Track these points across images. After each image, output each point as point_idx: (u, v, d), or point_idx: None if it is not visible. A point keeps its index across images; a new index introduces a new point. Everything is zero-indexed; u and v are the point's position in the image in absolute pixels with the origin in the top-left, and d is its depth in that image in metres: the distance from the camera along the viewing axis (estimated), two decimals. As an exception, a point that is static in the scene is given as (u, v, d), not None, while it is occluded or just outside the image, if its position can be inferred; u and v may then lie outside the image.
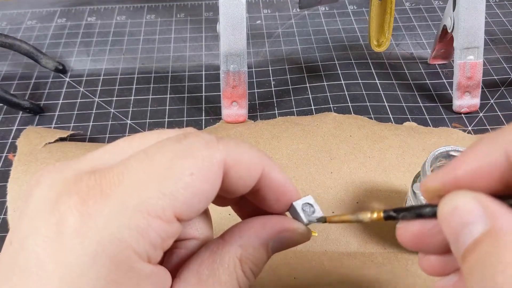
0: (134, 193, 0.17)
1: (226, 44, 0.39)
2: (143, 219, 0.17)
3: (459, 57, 0.42)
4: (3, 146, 0.42)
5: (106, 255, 0.17)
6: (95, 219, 0.17)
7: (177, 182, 0.18)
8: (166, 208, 0.18)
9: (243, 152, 0.20)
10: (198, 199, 0.19)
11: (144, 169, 0.18)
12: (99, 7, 0.59)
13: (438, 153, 0.31)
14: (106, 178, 0.18)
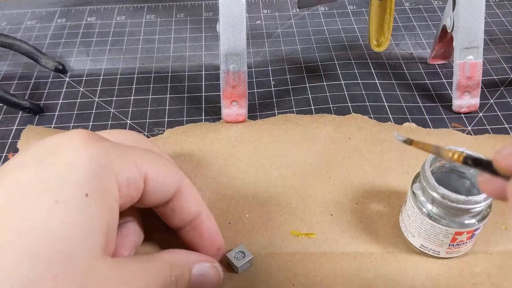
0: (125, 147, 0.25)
1: (226, 44, 0.39)
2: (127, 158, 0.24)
3: (458, 57, 0.42)
4: (3, 146, 0.42)
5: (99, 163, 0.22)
6: (97, 142, 0.23)
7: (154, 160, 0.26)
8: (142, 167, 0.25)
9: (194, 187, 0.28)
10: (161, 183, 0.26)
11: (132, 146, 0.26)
12: (99, 7, 0.59)
13: (437, 153, 0.31)
14: None
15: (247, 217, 0.35)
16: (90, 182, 0.21)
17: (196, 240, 0.29)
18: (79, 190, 0.20)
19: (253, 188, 0.37)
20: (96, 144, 0.22)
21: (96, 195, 0.21)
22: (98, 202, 0.21)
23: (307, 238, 0.33)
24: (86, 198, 0.21)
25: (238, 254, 0.31)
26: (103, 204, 0.21)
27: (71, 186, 0.20)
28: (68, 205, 0.20)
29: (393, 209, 0.35)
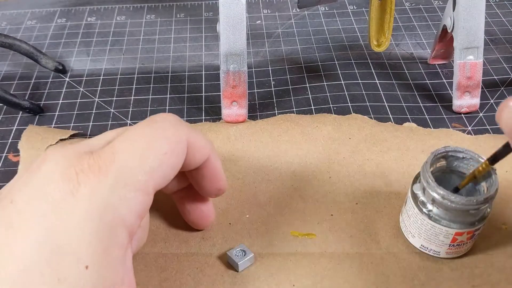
0: (124, 171, 0.22)
1: (226, 44, 0.39)
2: (131, 191, 0.22)
3: (459, 57, 0.42)
4: (3, 146, 0.42)
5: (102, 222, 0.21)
6: (97, 191, 0.21)
7: (155, 161, 0.23)
8: (148, 182, 0.23)
9: (198, 135, 0.27)
10: (170, 172, 0.24)
11: (128, 150, 0.23)
12: (99, 7, 0.59)
13: (438, 153, 0.31)
14: (101, 158, 0.22)
15: (247, 218, 0.35)
16: (91, 248, 0.20)
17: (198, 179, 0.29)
18: (79, 263, 0.20)
19: (253, 188, 0.37)
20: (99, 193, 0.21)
21: (97, 262, 0.20)
22: (100, 268, 0.20)
23: (307, 238, 0.33)
24: (86, 271, 0.20)
25: (238, 253, 0.31)
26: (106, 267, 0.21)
27: (71, 261, 0.20)
28: (69, 283, 0.20)
29: (393, 210, 0.35)
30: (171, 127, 0.25)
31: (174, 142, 0.24)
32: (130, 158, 0.23)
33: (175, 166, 0.25)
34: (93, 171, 0.22)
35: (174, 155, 0.24)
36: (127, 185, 0.22)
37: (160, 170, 0.23)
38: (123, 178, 0.22)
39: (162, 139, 0.24)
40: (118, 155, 0.23)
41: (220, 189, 0.30)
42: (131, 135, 0.24)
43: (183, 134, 0.25)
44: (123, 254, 0.22)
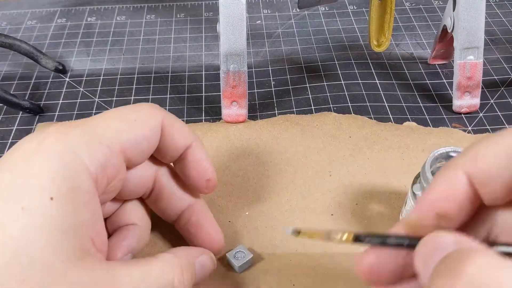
0: (92, 127, 0.24)
1: (226, 44, 0.39)
2: (95, 144, 0.23)
3: (459, 57, 0.42)
4: (3, 146, 0.42)
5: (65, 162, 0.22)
6: (62, 139, 0.23)
7: (123, 125, 0.25)
8: (113, 141, 0.24)
9: (178, 120, 0.28)
10: (140, 142, 0.25)
11: (101, 118, 0.25)
12: (99, 7, 0.59)
13: (438, 154, 0.31)
14: (73, 121, 0.25)
15: (247, 215, 0.35)
16: (55, 184, 0.21)
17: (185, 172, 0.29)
18: (44, 195, 0.21)
19: (253, 184, 0.37)
20: (63, 142, 0.23)
21: (62, 196, 0.21)
22: (65, 203, 0.21)
23: (307, 238, 0.33)
24: (51, 202, 0.21)
25: (238, 254, 0.31)
26: (72, 203, 0.21)
27: (36, 192, 0.21)
28: (32, 211, 0.20)
29: (394, 210, 0.35)
30: (146, 105, 0.27)
31: (146, 114, 0.26)
32: (99, 120, 0.25)
33: (147, 137, 0.26)
34: (63, 125, 0.24)
35: (145, 125, 0.26)
36: (92, 138, 0.23)
37: (128, 133, 0.25)
38: (90, 132, 0.24)
39: (134, 111, 0.26)
40: (89, 119, 0.25)
41: (208, 179, 0.29)
42: (107, 111, 0.26)
43: (158, 113, 0.27)
44: (89, 199, 0.23)
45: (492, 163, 0.17)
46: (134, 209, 0.30)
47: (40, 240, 0.20)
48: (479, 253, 0.15)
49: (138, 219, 0.30)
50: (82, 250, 0.21)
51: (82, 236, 0.22)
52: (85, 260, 0.21)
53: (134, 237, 0.29)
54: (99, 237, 0.23)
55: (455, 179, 0.18)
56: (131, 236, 0.29)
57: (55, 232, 0.20)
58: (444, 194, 0.18)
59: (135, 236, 0.29)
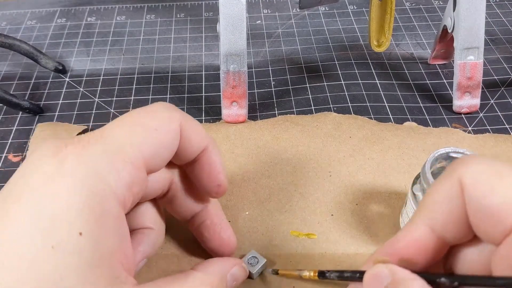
0: (113, 143, 0.22)
1: (226, 44, 0.39)
2: (119, 162, 0.22)
3: (459, 57, 0.41)
4: (3, 146, 0.42)
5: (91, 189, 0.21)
6: (84, 160, 0.21)
7: (145, 136, 0.23)
8: (137, 156, 0.23)
9: (194, 122, 0.27)
10: (162, 151, 0.24)
11: (119, 127, 0.23)
12: (99, 7, 0.59)
13: (438, 154, 0.31)
14: (90, 134, 0.23)
15: (247, 215, 0.35)
16: (83, 217, 0.20)
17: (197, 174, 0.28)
18: (73, 230, 0.20)
19: (253, 183, 0.37)
20: (85, 163, 0.21)
21: (91, 229, 0.20)
22: (94, 235, 0.20)
23: (307, 238, 0.33)
24: (80, 237, 0.20)
25: (251, 260, 0.31)
26: (101, 234, 0.21)
27: (64, 227, 0.20)
28: (63, 249, 0.20)
29: (394, 210, 0.35)
30: (163, 108, 0.25)
31: (165, 120, 0.24)
32: (118, 133, 0.23)
33: (168, 144, 0.25)
34: (81, 143, 0.22)
35: (165, 132, 0.24)
36: (114, 156, 0.22)
37: (150, 145, 0.23)
38: (111, 149, 0.22)
39: (152, 117, 0.24)
40: (108, 132, 0.23)
41: (219, 184, 0.28)
42: (122, 117, 0.24)
43: (176, 115, 0.25)
44: (117, 224, 0.22)
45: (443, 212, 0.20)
46: (148, 212, 0.29)
47: (73, 278, 0.20)
48: (408, 283, 0.19)
49: (152, 222, 0.29)
50: (114, 279, 0.21)
51: (112, 265, 0.21)
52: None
53: (149, 242, 0.28)
54: (126, 258, 0.22)
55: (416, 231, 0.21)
56: (146, 241, 0.28)
57: (87, 268, 0.20)
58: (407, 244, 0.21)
59: (150, 240, 0.28)
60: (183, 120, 0.25)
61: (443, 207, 0.20)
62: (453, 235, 0.20)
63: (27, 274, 0.19)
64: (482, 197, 0.19)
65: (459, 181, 0.20)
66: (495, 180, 0.19)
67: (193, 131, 0.26)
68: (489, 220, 0.19)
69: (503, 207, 0.18)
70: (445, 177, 0.20)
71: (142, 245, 0.28)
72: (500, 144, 0.40)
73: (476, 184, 0.19)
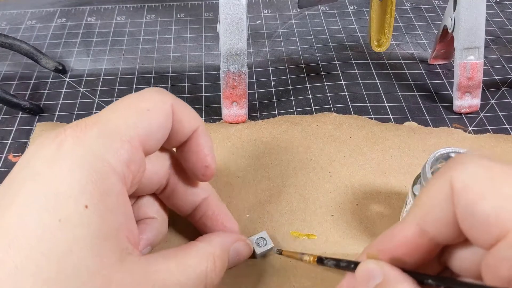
0: (109, 124, 0.23)
1: (226, 44, 0.39)
2: (116, 141, 0.23)
3: (459, 57, 0.41)
4: (3, 146, 0.42)
5: (91, 167, 0.21)
6: (82, 142, 0.22)
7: (138, 117, 0.24)
8: (132, 135, 0.24)
9: (185, 104, 0.27)
10: (156, 130, 0.25)
11: (113, 111, 0.24)
12: (99, 7, 0.59)
13: (438, 154, 0.31)
14: (88, 118, 0.24)
15: (248, 217, 0.35)
16: (87, 191, 0.21)
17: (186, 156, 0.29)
18: (78, 204, 0.21)
19: (254, 185, 0.37)
20: (83, 145, 0.22)
21: (96, 203, 0.21)
22: (100, 209, 0.21)
23: (307, 239, 0.33)
24: (86, 210, 0.21)
25: (259, 240, 0.32)
26: (106, 208, 0.21)
27: (69, 202, 0.21)
28: (70, 222, 0.20)
29: (394, 211, 0.35)
30: (154, 91, 0.26)
31: (157, 101, 0.25)
32: (113, 115, 0.24)
33: (161, 124, 0.25)
34: (79, 126, 0.23)
35: (158, 113, 0.25)
36: (111, 136, 0.23)
37: (144, 125, 0.24)
38: (107, 130, 0.23)
39: (145, 99, 0.25)
40: (103, 115, 0.24)
41: (206, 166, 0.28)
42: (116, 102, 0.25)
43: (168, 98, 0.26)
44: (121, 200, 0.22)
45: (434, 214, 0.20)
46: (150, 204, 0.30)
47: (82, 250, 0.20)
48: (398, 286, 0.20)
49: (155, 212, 0.30)
50: (122, 251, 0.22)
51: (119, 238, 0.22)
52: (125, 262, 0.22)
53: (153, 231, 0.29)
54: (132, 234, 0.23)
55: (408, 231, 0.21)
56: (149, 229, 0.29)
57: (95, 240, 0.21)
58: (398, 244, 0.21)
59: (153, 229, 0.29)
60: (174, 102, 0.26)
61: (434, 209, 0.20)
62: (445, 237, 0.20)
63: (36, 249, 0.20)
64: (471, 203, 0.19)
65: (450, 184, 0.19)
66: (486, 186, 0.19)
67: (184, 112, 0.27)
68: (478, 227, 0.19)
69: (492, 215, 0.18)
70: (437, 178, 0.20)
71: (145, 233, 0.28)
72: (500, 144, 0.40)
73: (466, 189, 0.19)
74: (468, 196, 0.19)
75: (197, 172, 0.29)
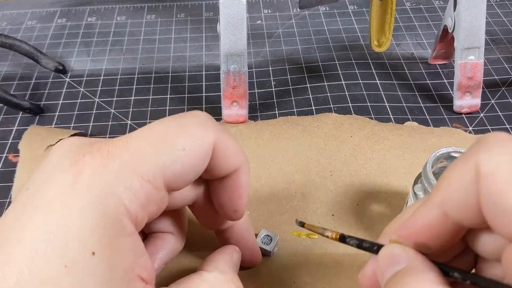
0: (133, 158, 0.21)
1: (226, 44, 0.39)
2: (136, 180, 0.21)
3: (459, 57, 0.41)
4: (3, 146, 0.42)
5: (105, 208, 0.20)
6: (100, 177, 0.20)
7: (170, 155, 0.21)
8: (157, 175, 0.21)
9: (230, 140, 0.24)
10: (187, 172, 0.22)
11: (144, 139, 0.21)
12: (99, 7, 0.59)
13: (439, 154, 0.31)
14: (113, 143, 0.21)
15: (248, 214, 0.34)
16: (95, 236, 0.20)
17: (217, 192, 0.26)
18: (85, 249, 0.20)
19: (254, 183, 0.37)
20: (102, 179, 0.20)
21: (103, 248, 0.20)
22: (107, 255, 0.20)
23: (307, 238, 0.33)
24: (93, 257, 0.20)
25: (264, 239, 0.32)
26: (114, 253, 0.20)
27: (77, 247, 0.19)
28: (75, 269, 0.19)
29: (394, 210, 0.35)
30: (197, 123, 0.23)
31: (196, 139, 0.22)
32: (143, 147, 0.21)
33: (195, 167, 0.22)
34: (101, 154, 0.21)
35: (195, 154, 0.22)
36: (133, 173, 0.21)
37: (175, 166, 0.21)
38: (131, 165, 0.21)
39: (183, 134, 0.22)
40: (132, 143, 0.21)
41: (237, 210, 0.26)
42: (152, 126, 0.22)
43: (211, 133, 0.23)
44: (131, 242, 0.21)
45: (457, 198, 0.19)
46: (169, 217, 0.27)
47: None
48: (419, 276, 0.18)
49: (173, 227, 0.27)
50: None
51: (128, 280, 0.21)
52: None
53: (169, 248, 0.27)
54: (145, 270, 0.22)
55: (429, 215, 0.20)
56: (166, 247, 0.27)
57: (102, 286, 0.20)
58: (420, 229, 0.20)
59: (169, 247, 0.27)
60: (218, 137, 0.23)
61: (457, 193, 0.19)
62: (469, 222, 0.19)
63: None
64: (496, 193, 0.17)
65: (476, 168, 0.18)
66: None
67: (227, 151, 0.24)
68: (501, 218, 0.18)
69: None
70: (462, 160, 0.19)
71: (161, 251, 0.27)
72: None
73: (493, 176, 0.18)
74: (493, 185, 0.18)
75: (225, 212, 0.26)
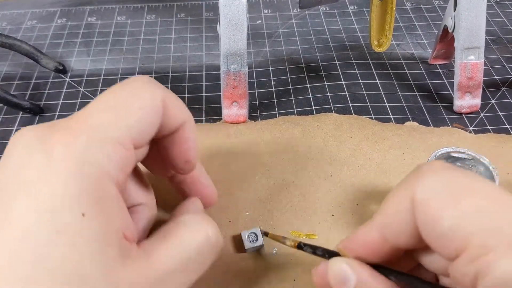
0: (100, 126, 0.22)
1: (226, 44, 0.39)
2: (109, 145, 0.22)
3: (460, 57, 0.41)
4: (3, 147, 0.42)
5: (84, 174, 0.21)
6: (73, 149, 0.21)
7: (132, 116, 0.23)
8: (125, 137, 0.23)
9: (174, 96, 0.26)
10: (148, 129, 0.24)
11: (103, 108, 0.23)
12: (99, 7, 0.59)
13: (439, 154, 0.31)
14: (74, 118, 0.23)
15: (248, 215, 0.35)
16: (82, 200, 0.21)
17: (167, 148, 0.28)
18: (75, 213, 0.20)
19: (254, 184, 0.37)
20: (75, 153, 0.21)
21: (92, 210, 0.21)
22: (96, 214, 0.21)
23: (307, 238, 0.33)
24: (83, 218, 0.20)
25: (251, 236, 0.32)
26: (102, 213, 0.21)
27: (66, 213, 0.20)
28: (69, 232, 0.20)
29: (394, 210, 0.35)
30: (145, 84, 0.25)
31: (148, 97, 0.24)
32: (105, 114, 0.23)
33: (153, 122, 0.24)
34: (66, 130, 0.22)
35: (152, 111, 0.24)
36: (104, 139, 0.22)
37: (136, 124, 0.23)
38: (100, 132, 0.22)
39: (137, 95, 0.24)
40: (93, 113, 0.23)
41: (188, 160, 0.28)
42: (105, 95, 0.24)
43: (158, 91, 0.25)
44: (116, 203, 0.22)
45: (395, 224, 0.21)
46: (136, 187, 0.29)
47: (85, 258, 0.20)
48: None
49: (144, 198, 0.29)
50: (123, 252, 0.21)
51: (118, 239, 0.22)
52: (128, 260, 0.21)
53: (146, 219, 0.28)
54: (129, 230, 0.23)
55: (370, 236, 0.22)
56: (142, 218, 0.28)
57: (96, 246, 0.20)
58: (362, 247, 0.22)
59: (146, 217, 0.28)
60: (164, 95, 0.25)
61: (394, 219, 0.21)
62: (407, 245, 0.21)
63: (40, 266, 0.19)
64: (433, 218, 0.19)
65: (411, 196, 0.20)
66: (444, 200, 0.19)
67: (174, 106, 0.26)
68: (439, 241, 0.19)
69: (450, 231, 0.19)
70: (399, 188, 0.21)
71: (139, 224, 0.28)
72: (501, 145, 0.40)
73: (426, 203, 0.19)
74: (428, 211, 0.19)
75: (177, 165, 0.28)
